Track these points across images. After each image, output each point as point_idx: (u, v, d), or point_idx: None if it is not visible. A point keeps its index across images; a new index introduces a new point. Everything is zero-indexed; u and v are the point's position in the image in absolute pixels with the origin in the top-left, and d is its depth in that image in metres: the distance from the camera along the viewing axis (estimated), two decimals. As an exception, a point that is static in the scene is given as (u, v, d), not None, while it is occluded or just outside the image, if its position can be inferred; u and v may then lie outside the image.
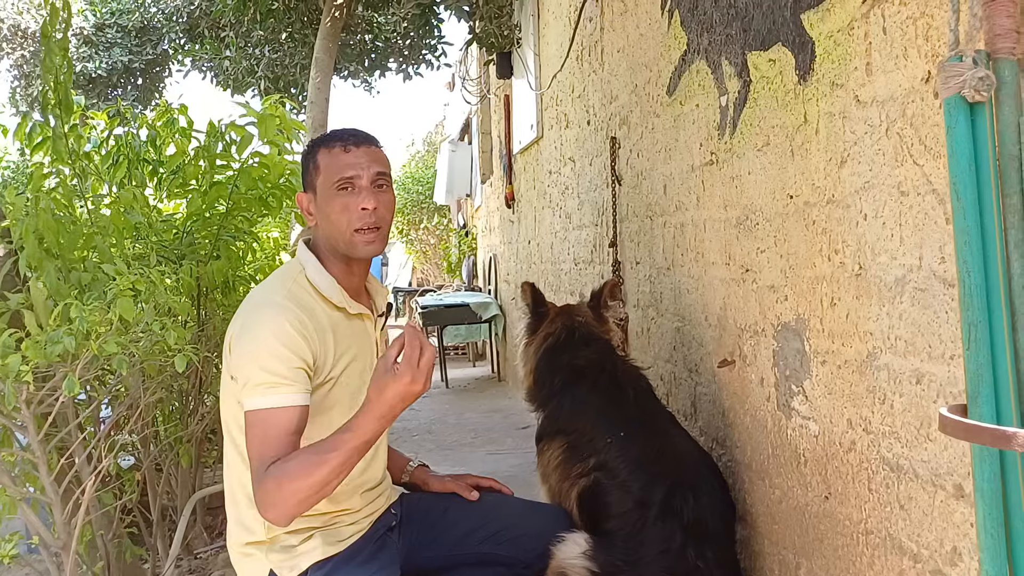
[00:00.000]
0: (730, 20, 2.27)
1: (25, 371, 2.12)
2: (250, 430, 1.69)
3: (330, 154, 1.87)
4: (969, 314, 1.09)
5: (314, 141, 1.95)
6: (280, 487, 1.61)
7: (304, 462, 1.61)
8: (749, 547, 2.36)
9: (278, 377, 1.69)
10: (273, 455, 1.65)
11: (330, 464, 1.59)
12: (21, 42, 10.36)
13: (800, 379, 1.95)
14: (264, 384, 1.68)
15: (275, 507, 1.63)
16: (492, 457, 5.03)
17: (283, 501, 1.61)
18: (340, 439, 1.60)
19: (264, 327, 1.74)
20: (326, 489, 1.62)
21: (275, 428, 1.67)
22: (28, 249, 2.37)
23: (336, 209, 1.84)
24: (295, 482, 1.60)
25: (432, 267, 15.86)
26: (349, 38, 6.97)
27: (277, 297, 1.80)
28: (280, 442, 1.66)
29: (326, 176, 1.86)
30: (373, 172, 1.87)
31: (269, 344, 1.71)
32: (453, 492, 2.23)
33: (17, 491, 2.43)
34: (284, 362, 1.70)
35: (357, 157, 1.86)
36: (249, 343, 1.74)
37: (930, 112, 1.40)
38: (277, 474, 1.61)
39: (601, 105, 3.98)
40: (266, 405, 1.68)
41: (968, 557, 1.38)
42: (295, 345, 1.72)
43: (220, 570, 3.10)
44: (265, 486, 1.63)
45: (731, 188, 2.33)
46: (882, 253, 1.58)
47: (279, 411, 1.68)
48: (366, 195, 1.85)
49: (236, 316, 1.84)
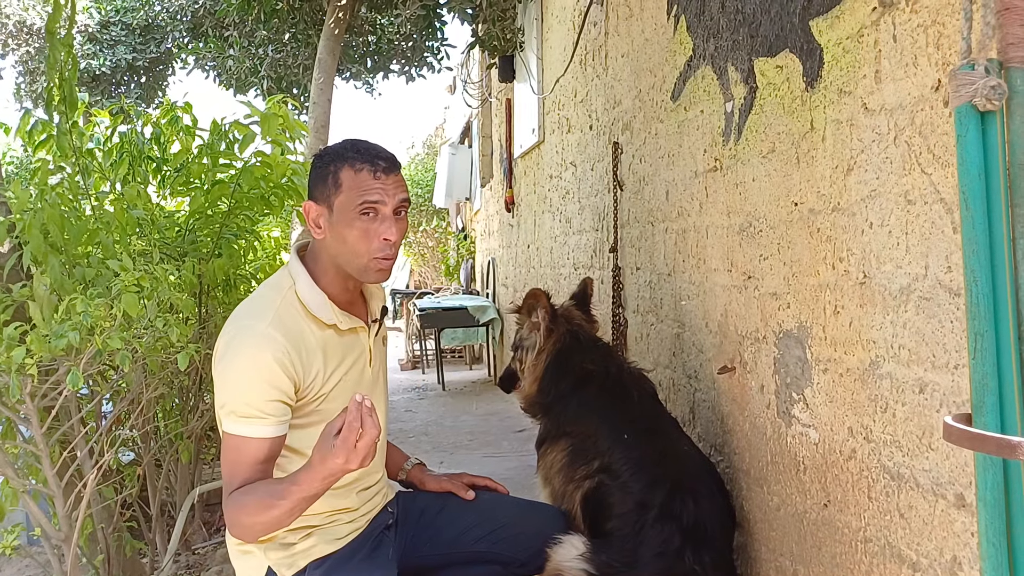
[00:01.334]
0: (737, 26, 2.28)
1: (30, 364, 2.13)
2: (223, 449, 1.73)
3: (356, 176, 1.78)
4: (976, 323, 1.10)
5: (335, 153, 1.83)
6: (239, 518, 1.67)
7: (258, 504, 1.65)
8: (746, 553, 2.36)
9: (253, 409, 1.69)
10: (240, 481, 1.69)
11: (280, 508, 1.62)
12: (26, 38, 10.37)
13: (801, 387, 1.96)
14: (237, 413, 1.69)
15: (238, 529, 1.71)
16: (489, 460, 5.03)
17: (244, 529, 1.69)
18: (288, 489, 1.61)
19: (245, 358, 1.72)
20: (281, 524, 1.67)
21: (245, 456, 1.70)
22: (33, 243, 2.37)
23: (356, 234, 1.77)
24: (251, 517, 1.66)
25: (430, 270, 15.87)
26: (352, 39, 6.97)
27: (261, 325, 1.74)
28: (249, 469, 1.70)
29: (349, 197, 1.77)
30: (397, 200, 1.80)
31: (248, 376, 1.70)
32: (449, 491, 2.23)
33: (20, 483, 2.44)
34: (261, 395, 1.70)
35: (385, 184, 1.79)
36: (229, 370, 1.73)
37: (939, 121, 1.41)
38: (238, 504, 1.67)
39: (604, 110, 3.99)
40: (239, 433, 1.70)
41: (968, 567, 1.38)
42: (275, 379, 1.71)
43: (218, 565, 3.10)
44: (229, 510, 1.70)
45: (735, 194, 2.34)
46: (887, 262, 1.58)
47: (251, 440, 1.70)
48: (389, 224, 1.79)
49: (224, 330, 1.80)
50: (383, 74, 7.57)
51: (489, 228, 9.45)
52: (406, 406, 7.13)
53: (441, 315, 8.20)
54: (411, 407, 7.15)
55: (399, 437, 5.76)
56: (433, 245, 15.71)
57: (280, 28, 6.54)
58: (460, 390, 8.09)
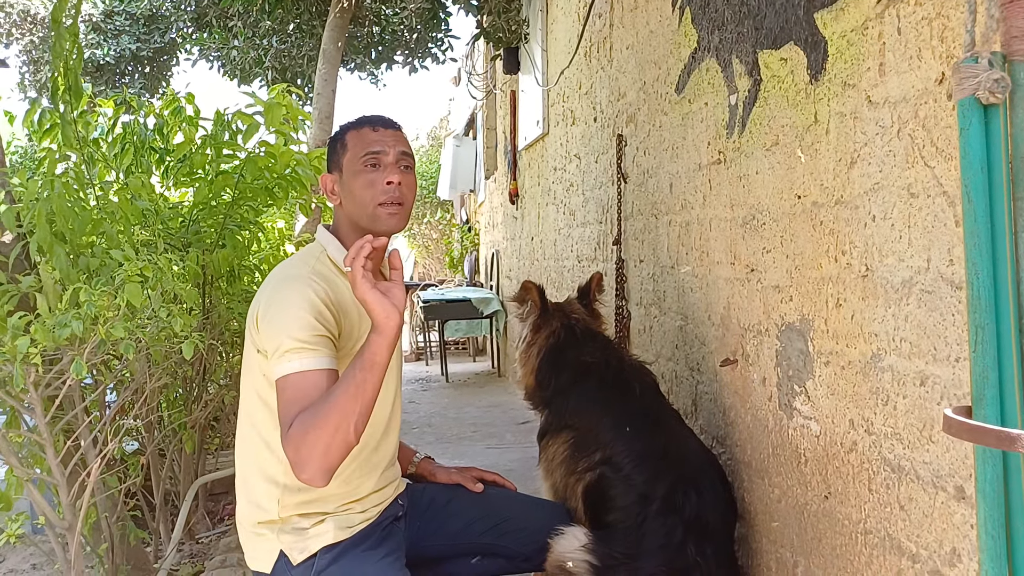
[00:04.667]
0: (742, 18, 2.28)
1: (34, 353, 2.13)
2: (280, 396, 1.70)
3: (358, 134, 1.95)
4: (977, 316, 1.10)
5: (342, 127, 2.02)
6: (306, 432, 1.61)
7: (338, 399, 1.61)
8: (747, 545, 2.37)
9: (305, 344, 1.71)
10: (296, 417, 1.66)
11: (368, 386, 1.62)
12: (30, 28, 10.37)
13: (803, 379, 1.96)
14: (292, 350, 1.70)
15: (307, 459, 1.61)
16: (492, 451, 5.04)
17: (313, 447, 1.60)
18: (362, 361, 1.63)
19: (291, 298, 1.77)
20: (347, 421, 1.60)
21: (304, 390, 1.68)
22: (39, 233, 2.38)
23: (361, 184, 1.90)
24: (336, 421, 1.60)
25: (434, 262, 15.88)
26: (357, 30, 6.96)
27: (302, 271, 1.85)
28: (310, 402, 1.66)
29: (353, 153, 1.92)
30: (398, 151, 1.93)
31: (296, 313, 1.74)
32: (458, 484, 2.27)
33: (24, 472, 2.45)
34: (311, 329, 1.73)
35: (383, 136, 1.94)
36: (277, 313, 1.77)
37: (943, 114, 1.41)
38: (308, 423, 1.62)
39: (608, 102, 3.98)
40: (295, 369, 1.69)
41: (967, 558, 1.39)
42: (320, 313, 1.76)
43: (222, 555, 3.11)
44: (293, 441, 1.62)
45: (738, 187, 2.34)
46: (890, 255, 1.58)
47: (308, 374, 1.69)
48: (391, 170, 1.91)
49: (260, 292, 1.87)
50: (387, 65, 7.57)
51: (493, 220, 9.45)
52: (410, 397, 7.14)
53: (445, 307, 8.20)
54: (415, 399, 7.17)
55: (403, 428, 5.73)
56: (437, 237, 15.72)
57: (284, 18, 6.53)
58: (463, 382, 8.10)
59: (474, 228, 11.90)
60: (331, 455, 1.62)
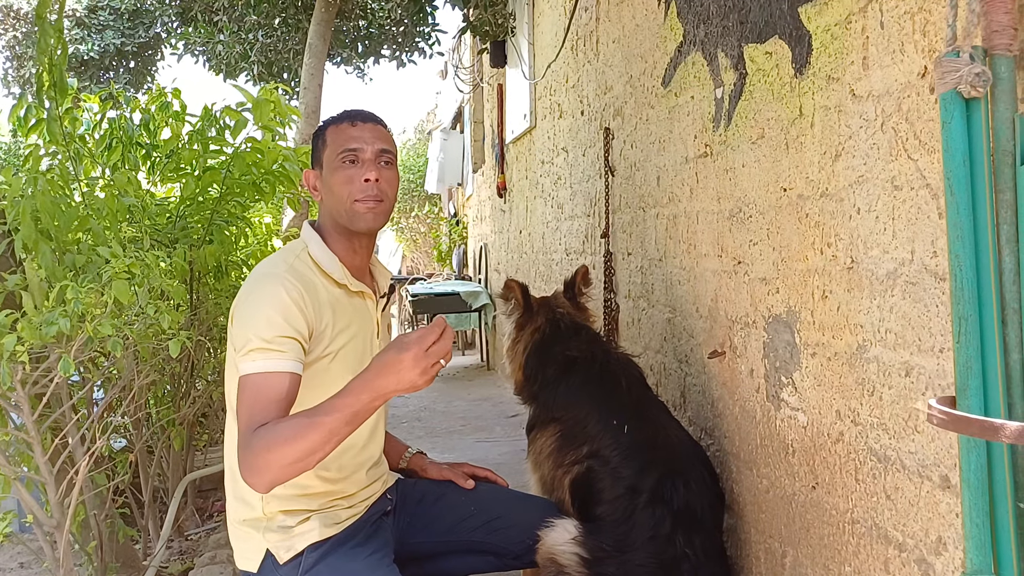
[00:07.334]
0: (727, 12, 2.28)
1: (20, 351, 2.13)
2: (241, 395, 1.68)
3: (337, 129, 1.94)
4: (960, 307, 1.11)
5: (325, 121, 2.02)
6: (268, 449, 1.57)
7: (295, 427, 1.57)
8: (736, 535, 2.39)
9: (271, 344, 1.70)
10: (261, 419, 1.63)
11: (323, 428, 1.54)
12: (13, 23, 10.28)
13: (790, 371, 1.97)
14: (257, 350, 1.69)
15: (259, 471, 1.58)
16: (481, 445, 5.05)
17: (268, 463, 1.57)
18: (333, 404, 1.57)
19: (262, 297, 1.77)
20: (315, 453, 1.57)
21: (265, 393, 1.66)
22: (24, 230, 2.36)
23: (339, 180, 1.89)
24: (283, 446, 1.56)
25: (422, 255, 15.86)
26: (343, 24, 6.94)
27: (278, 269, 1.83)
28: (270, 407, 1.64)
29: (332, 149, 1.92)
30: (377, 148, 1.93)
31: (265, 312, 1.74)
32: (449, 479, 2.26)
33: (11, 470, 2.44)
34: (277, 330, 1.72)
35: (362, 132, 1.93)
36: (247, 311, 1.77)
37: (925, 107, 1.42)
38: (265, 437, 1.58)
39: (595, 95, 3.99)
40: (258, 370, 1.68)
41: (952, 547, 1.40)
42: (290, 315, 1.75)
43: (211, 551, 3.11)
44: (252, 448, 1.59)
45: (725, 180, 2.35)
46: (874, 247, 1.59)
47: (270, 376, 1.68)
48: (369, 167, 1.90)
49: (240, 289, 1.88)
50: (374, 59, 7.55)
51: (481, 214, 9.45)
52: (398, 391, 7.13)
53: (433, 301, 8.20)
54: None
55: (391, 423, 5.77)
56: (425, 231, 15.71)
57: (270, 13, 6.51)
58: (453, 375, 8.11)
59: (462, 221, 11.90)
60: (284, 476, 1.59)
